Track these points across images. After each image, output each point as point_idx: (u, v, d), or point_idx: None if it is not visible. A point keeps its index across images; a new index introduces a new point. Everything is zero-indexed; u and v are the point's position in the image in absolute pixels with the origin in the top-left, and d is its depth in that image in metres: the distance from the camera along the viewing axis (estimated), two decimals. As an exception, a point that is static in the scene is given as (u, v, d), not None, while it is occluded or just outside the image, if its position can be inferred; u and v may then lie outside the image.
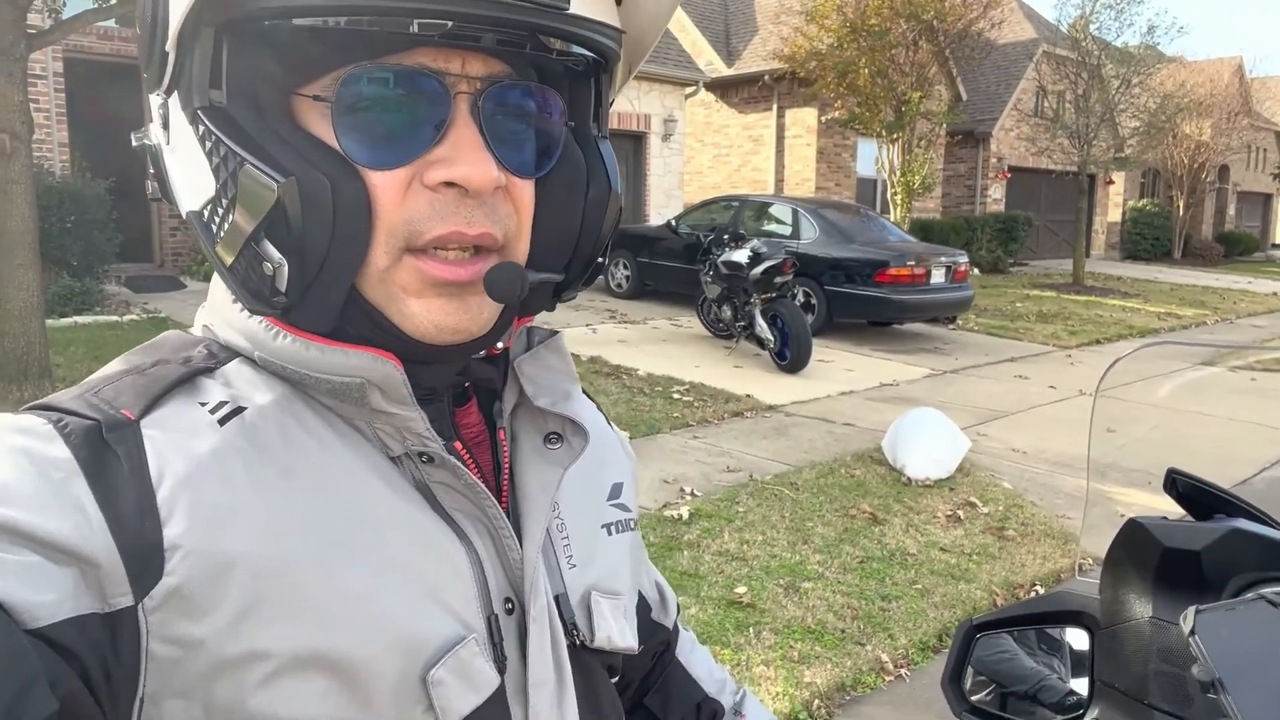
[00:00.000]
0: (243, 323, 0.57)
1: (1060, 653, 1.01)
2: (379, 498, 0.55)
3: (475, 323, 0.56)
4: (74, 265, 9.03)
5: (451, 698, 0.54)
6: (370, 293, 0.54)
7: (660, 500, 4.59)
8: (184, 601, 0.47)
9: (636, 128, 15.25)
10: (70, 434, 0.49)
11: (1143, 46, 17.52)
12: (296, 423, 0.55)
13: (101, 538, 0.46)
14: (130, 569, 0.46)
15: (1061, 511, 4.83)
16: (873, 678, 3.09)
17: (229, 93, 0.51)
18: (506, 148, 0.55)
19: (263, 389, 0.55)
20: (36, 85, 8.71)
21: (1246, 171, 33.27)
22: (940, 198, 20.34)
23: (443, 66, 0.53)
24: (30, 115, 5.47)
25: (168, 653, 0.47)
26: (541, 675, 0.59)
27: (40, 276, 5.72)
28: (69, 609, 0.44)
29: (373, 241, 0.53)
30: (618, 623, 0.67)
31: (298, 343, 0.55)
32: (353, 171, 0.52)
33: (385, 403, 0.55)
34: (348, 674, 0.50)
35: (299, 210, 0.49)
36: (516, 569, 0.59)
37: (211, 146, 0.51)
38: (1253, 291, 17.86)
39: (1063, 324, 11.82)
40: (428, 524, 0.56)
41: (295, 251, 0.51)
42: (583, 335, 9.12)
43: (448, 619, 0.55)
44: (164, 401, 0.53)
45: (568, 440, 0.64)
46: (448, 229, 0.53)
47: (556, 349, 0.67)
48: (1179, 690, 0.82)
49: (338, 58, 0.52)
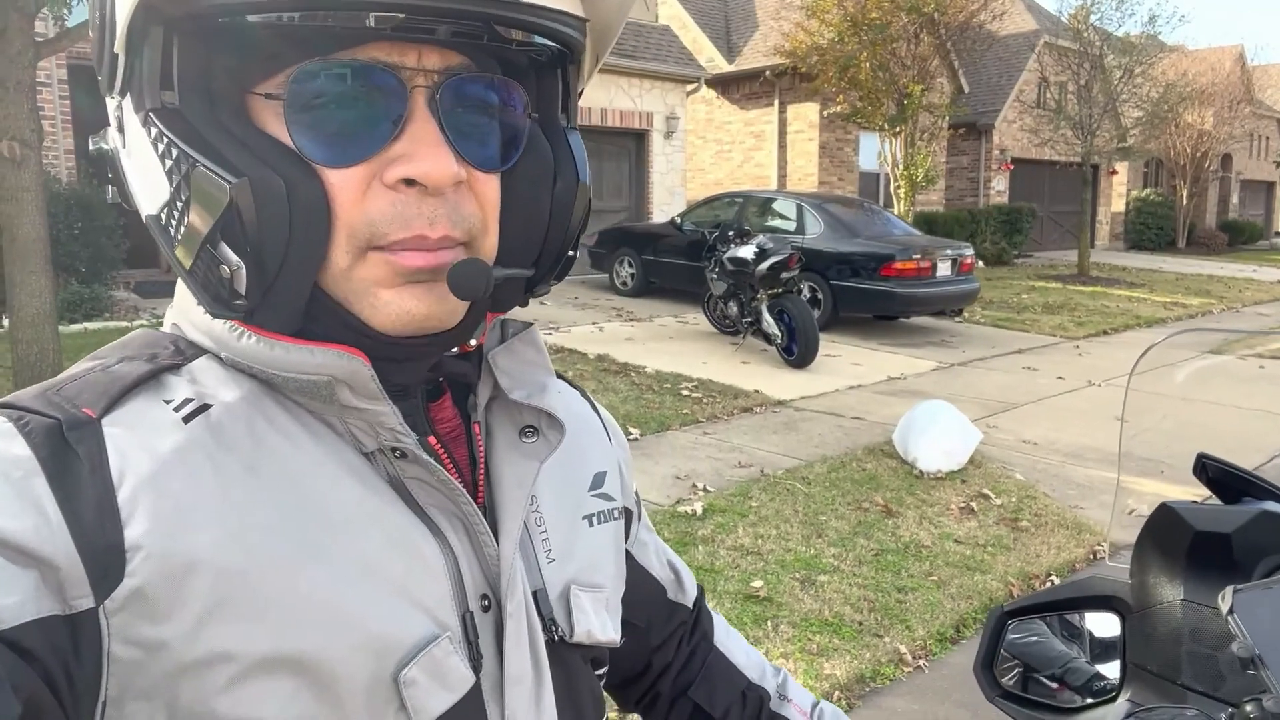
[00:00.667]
0: (207, 323, 0.56)
1: (1081, 638, 1.02)
2: (350, 494, 0.54)
3: (444, 309, 0.55)
4: (82, 272, 9.06)
5: (424, 697, 0.53)
6: (334, 290, 0.53)
7: (673, 496, 4.61)
8: (146, 603, 0.46)
9: (639, 126, 15.24)
10: (30, 432, 0.48)
11: (1144, 36, 17.49)
12: (265, 419, 0.54)
13: (62, 539, 0.45)
14: (91, 571, 0.46)
15: (1074, 502, 4.84)
16: (892, 669, 3.10)
17: (181, 93, 0.50)
18: (468, 141, 0.54)
19: (230, 386, 0.54)
20: (42, 93, 8.72)
21: (1249, 160, 33.16)
22: (943, 191, 20.31)
23: (398, 60, 0.52)
24: (39, 123, 5.50)
25: (130, 655, 0.46)
26: (518, 673, 0.58)
27: (52, 283, 5.74)
28: (30, 611, 0.43)
29: (332, 241, 0.52)
30: (599, 616, 0.66)
31: (262, 343, 0.53)
32: (309, 171, 0.51)
33: (354, 398, 0.54)
34: (316, 675, 0.49)
35: (253, 212, 0.48)
36: (493, 565, 0.58)
37: (164, 149, 0.50)
38: (1258, 280, 17.81)
39: (1069, 315, 11.80)
40: (401, 521, 0.55)
41: (252, 253, 0.50)
42: (589, 333, 9.13)
43: (421, 617, 0.54)
44: (127, 399, 0.51)
45: (544, 433, 0.63)
46: (410, 233, 0.52)
47: (531, 341, 0.65)
48: (1212, 670, 0.83)
49: (290, 55, 0.51)
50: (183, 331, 0.59)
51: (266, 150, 0.50)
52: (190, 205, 0.50)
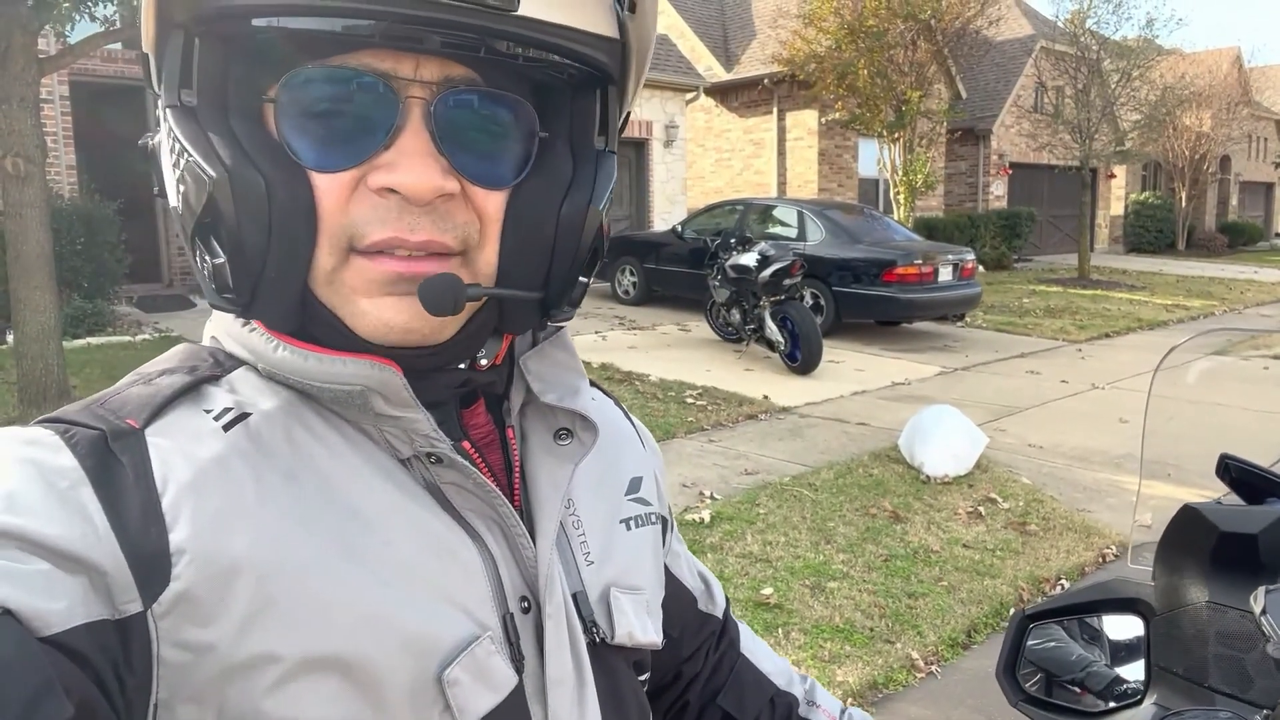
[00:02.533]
0: (243, 335, 0.57)
1: (1099, 642, 1.02)
2: (388, 500, 0.55)
3: (427, 324, 0.55)
4: (85, 287, 9.08)
5: (468, 697, 0.53)
6: (323, 295, 0.54)
7: (680, 504, 4.60)
8: (192, 606, 0.47)
9: (638, 135, 15.29)
10: (76, 444, 0.49)
11: (1141, 39, 17.53)
12: (303, 427, 0.55)
13: (108, 545, 0.46)
14: (138, 575, 0.47)
15: (1081, 505, 4.83)
16: (904, 675, 3.09)
17: (200, 93, 0.51)
18: (465, 155, 0.54)
19: (268, 395, 0.55)
20: (44, 109, 8.76)
21: (1248, 161, 33.20)
22: (942, 196, 20.34)
23: (391, 69, 0.52)
24: (43, 139, 5.52)
25: (179, 658, 0.47)
26: (560, 674, 0.58)
27: (57, 299, 5.75)
28: (80, 615, 0.44)
29: (317, 243, 0.53)
30: (639, 619, 0.65)
31: (296, 354, 0.54)
32: (298, 173, 0.52)
33: (388, 407, 0.55)
34: (359, 676, 0.50)
35: (230, 206, 0.50)
36: (531, 567, 0.59)
37: (171, 143, 0.52)
38: (1259, 281, 17.81)
39: (1070, 318, 11.81)
40: (438, 525, 0.56)
41: (232, 248, 0.51)
42: (592, 342, 9.14)
43: (461, 619, 0.54)
44: (168, 410, 0.53)
45: (578, 435, 0.64)
46: (388, 234, 0.52)
47: (563, 344, 0.66)
48: (1239, 672, 0.83)
49: (288, 61, 0.52)
50: (221, 344, 0.60)
51: (261, 151, 0.51)
52: (186, 198, 0.52)
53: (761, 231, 10.48)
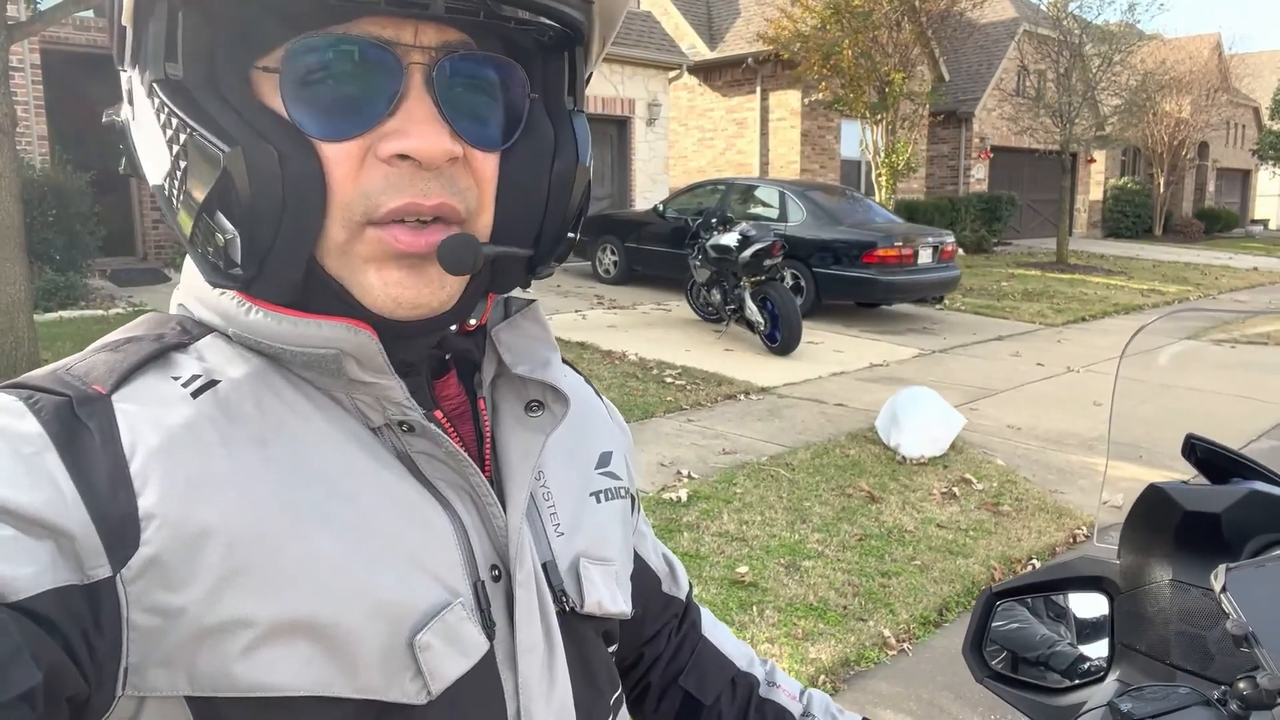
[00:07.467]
0: (215, 300, 0.57)
1: (1066, 620, 1.03)
2: (359, 467, 0.55)
3: (435, 297, 0.55)
4: (57, 260, 8.93)
5: (440, 662, 0.54)
6: (331, 266, 0.54)
7: (658, 483, 4.62)
8: (162, 571, 0.47)
9: (621, 112, 15.19)
10: (41, 409, 0.49)
11: (1123, 24, 17.59)
12: (272, 394, 0.54)
13: (75, 509, 0.46)
14: (106, 540, 0.46)
15: (1054, 487, 4.89)
16: (876, 653, 3.13)
17: (185, 66, 0.50)
18: (465, 119, 0.54)
19: (237, 362, 0.55)
20: (14, 78, 8.56)
21: (1226, 148, 33.49)
22: (924, 178, 20.39)
23: (393, 36, 0.52)
24: (13, 108, 5.40)
25: (149, 622, 0.47)
26: (530, 641, 0.59)
27: (28, 271, 5.66)
28: (47, 581, 0.44)
29: (328, 215, 0.52)
30: (609, 588, 0.66)
31: (270, 317, 0.54)
32: (306, 145, 0.51)
33: (362, 372, 0.55)
34: (331, 640, 0.50)
35: (245, 181, 0.49)
36: (501, 536, 0.59)
37: (165, 119, 0.51)
38: (1233, 267, 18.02)
39: (1048, 302, 11.90)
40: (409, 493, 0.56)
41: (246, 222, 0.50)
42: (572, 321, 9.11)
43: (432, 584, 0.55)
44: (135, 376, 0.52)
45: (549, 407, 0.64)
46: (403, 201, 0.52)
47: (534, 317, 0.66)
48: (1200, 649, 0.84)
49: (288, 28, 0.51)
50: (190, 312, 0.60)
51: (264, 122, 0.51)
52: (188, 174, 0.51)
53: (743, 212, 10.47)
